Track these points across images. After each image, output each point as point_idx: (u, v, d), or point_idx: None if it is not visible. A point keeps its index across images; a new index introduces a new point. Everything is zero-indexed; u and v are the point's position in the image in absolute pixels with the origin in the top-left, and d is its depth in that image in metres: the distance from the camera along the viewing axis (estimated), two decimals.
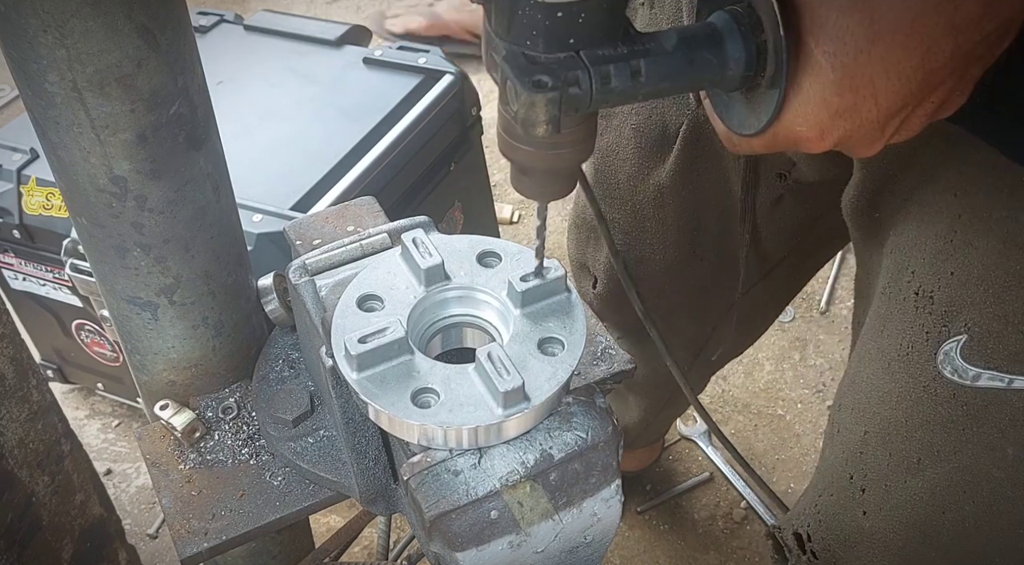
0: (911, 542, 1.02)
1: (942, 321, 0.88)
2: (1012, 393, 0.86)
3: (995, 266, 0.83)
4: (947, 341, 0.88)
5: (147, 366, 0.88)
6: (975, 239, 0.84)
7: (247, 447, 0.88)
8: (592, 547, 0.73)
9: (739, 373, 2.13)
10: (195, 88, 0.73)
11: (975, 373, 0.87)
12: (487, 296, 0.73)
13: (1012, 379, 0.85)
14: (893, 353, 0.95)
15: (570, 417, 0.69)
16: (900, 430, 0.96)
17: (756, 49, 0.59)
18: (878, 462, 1.01)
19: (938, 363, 0.89)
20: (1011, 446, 0.89)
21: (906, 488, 0.99)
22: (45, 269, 1.73)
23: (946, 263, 0.87)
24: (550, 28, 0.54)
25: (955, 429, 0.91)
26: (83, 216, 0.76)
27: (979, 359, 0.86)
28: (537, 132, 0.56)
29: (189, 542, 0.81)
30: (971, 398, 0.88)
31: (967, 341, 0.86)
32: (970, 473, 0.93)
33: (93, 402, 2.13)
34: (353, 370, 0.67)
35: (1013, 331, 0.84)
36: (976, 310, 0.85)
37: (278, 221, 1.48)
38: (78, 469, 1.33)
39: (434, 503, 0.66)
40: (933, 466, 0.95)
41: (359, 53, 1.89)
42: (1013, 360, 0.84)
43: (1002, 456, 0.90)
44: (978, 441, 0.90)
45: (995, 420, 0.88)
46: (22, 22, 0.63)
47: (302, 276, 0.77)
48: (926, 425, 0.93)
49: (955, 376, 0.88)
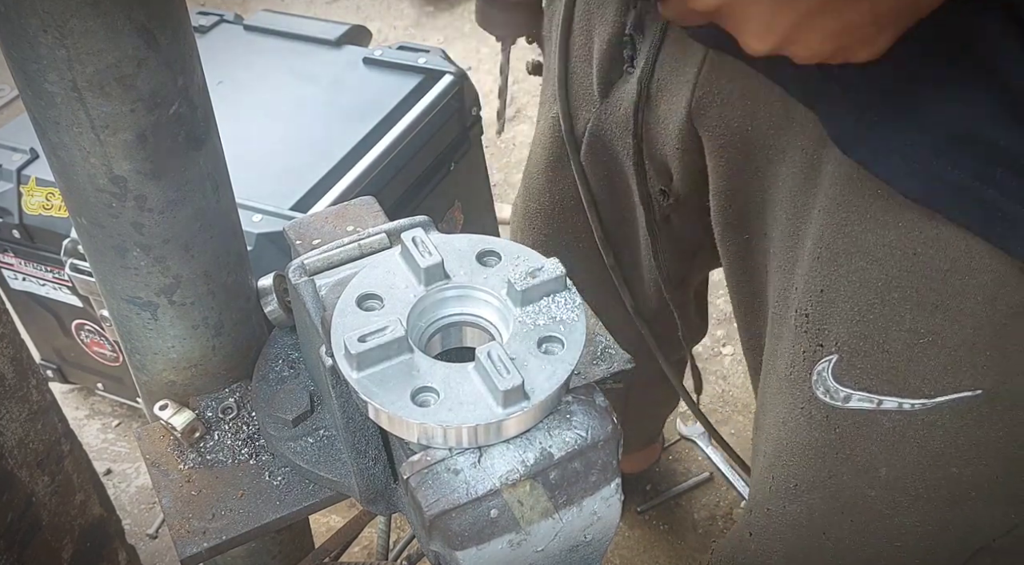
0: (794, 562, 1.02)
1: (816, 340, 0.87)
2: (881, 414, 0.85)
3: (859, 283, 0.82)
4: (820, 361, 0.87)
5: (147, 366, 0.88)
6: (838, 256, 0.83)
7: (247, 447, 0.88)
8: (592, 546, 0.73)
9: (739, 373, 2.13)
10: (195, 88, 0.73)
11: (846, 394, 0.86)
12: (487, 295, 0.73)
13: (881, 400, 0.84)
14: (782, 374, 0.94)
15: (570, 416, 0.70)
16: (782, 455, 0.97)
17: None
18: (763, 486, 1.02)
19: (812, 384, 0.88)
20: (883, 466, 0.89)
21: (785, 513, 0.99)
22: (45, 269, 1.73)
23: (816, 281, 0.86)
24: None
25: (829, 454, 0.91)
26: (83, 216, 0.76)
27: (849, 380, 0.86)
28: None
29: (189, 542, 0.81)
30: (843, 420, 0.88)
31: (837, 361, 0.86)
32: (846, 495, 0.93)
33: (93, 402, 2.13)
34: (353, 369, 0.68)
35: (878, 350, 0.83)
36: (844, 328, 0.84)
37: (278, 221, 1.48)
38: (78, 469, 1.33)
39: (434, 502, 0.66)
40: (810, 492, 0.95)
41: (359, 53, 1.90)
42: (880, 380, 0.84)
43: (875, 477, 0.90)
44: (852, 464, 0.90)
45: (867, 442, 0.88)
46: (22, 22, 0.63)
47: (302, 276, 0.77)
48: (803, 450, 0.93)
49: (827, 397, 0.88)
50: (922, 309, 0.80)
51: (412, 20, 3.28)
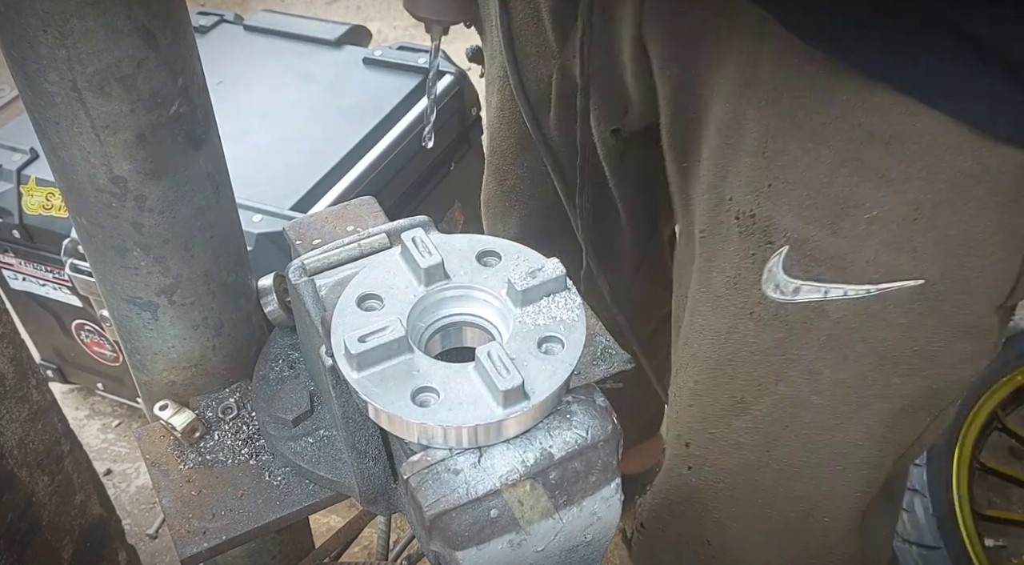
0: (736, 491, 1.02)
1: (765, 238, 0.88)
2: (828, 304, 0.86)
3: (807, 167, 0.83)
4: (772, 257, 0.88)
5: (147, 366, 0.88)
6: (786, 145, 0.83)
7: (247, 447, 0.88)
8: (592, 546, 0.73)
9: None
10: (195, 88, 0.73)
11: (795, 286, 0.87)
12: (487, 295, 0.73)
13: (828, 289, 0.85)
14: (721, 288, 0.94)
15: (570, 416, 0.70)
16: (727, 369, 0.97)
17: None
18: (704, 410, 1.01)
19: (763, 283, 0.89)
20: (828, 367, 0.89)
21: (731, 431, 0.99)
22: (45, 269, 1.73)
23: (762, 176, 0.86)
24: None
25: (777, 354, 0.91)
26: (83, 216, 0.76)
27: (799, 270, 0.86)
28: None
29: (189, 542, 0.81)
30: (792, 315, 0.88)
31: (788, 252, 0.86)
32: (790, 403, 0.93)
33: (93, 402, 2.13)
34: (353, 369, 0.68)
35: (828, 233, 0.83)
36: (794, 216, 0.85)
37: (278, 221, 1.48)
38: (78, 469, 1.33)
39: (434, 502, 0.66)
40: (757, 401, 0.95)
41: (359, 53, 1.90)
42: (828, 266, 0.84)
43: (819, 380, 0.90)
44: (798, 366, 0.91)
45: (814, 337, 0.88)
46: (22, 22, 0.64)
47: (302, 276, 0.77)
48: (751, 358, 0.94)
49: (777, 293, 0.88)
50: (868, 181, 0.80)
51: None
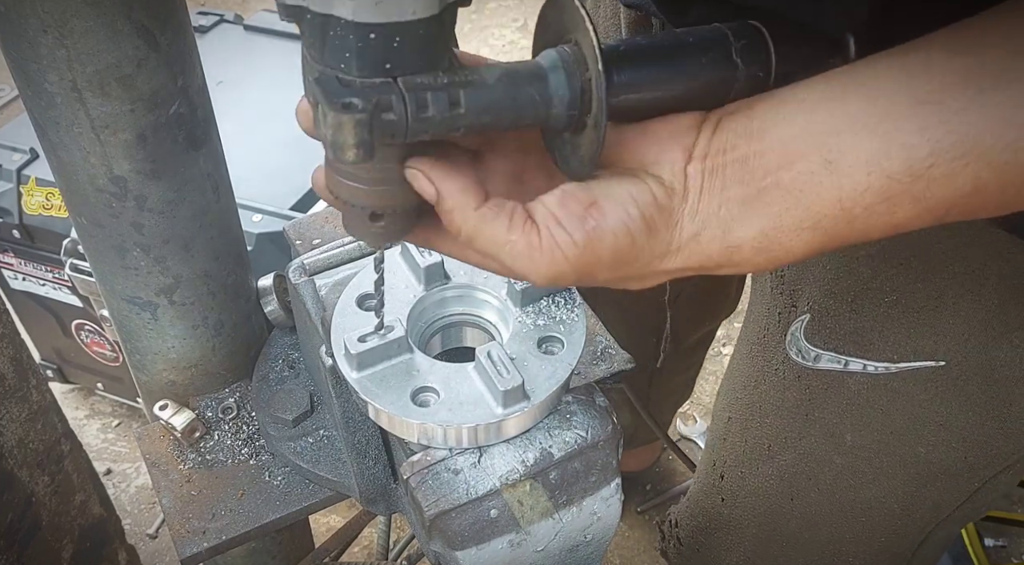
0: (763, 530, 1.05)
1: (791, 301, 0.89)
2: (848, 376, 0.87)
3: None
4: (794, 321, 0.89)
5: (147, 366, 0.88)
6: None
7: (247, 447, 0.88)
8: (592, 546, 0.73)
9: None
10: (195, 88, 0.73)
11: (816, 354, 0.88)
12: (487, 295, 0.73)
13: (847, 361, 0.86)
14: (754, 336, 0.97)
15: (570, 416, 0.70)
16: (756, 415, 0.99)
17: (581, 87, 0.56)
18: (736, 448, 1.04)
19: (786, 345, 0.91)
20: (849, 432, 0.91)
21: (759, 475, 1.01)
22: (45, 269, 1.73)
23: None
24: (363, 51, 0.51)
25: (800, 414, 0.93)
26: (83, 216, 0.76)
27: (819, 340, 0.87)
28: (347, 156, 0.53)
29: (189, 542, 0.81)
30: (813, 381, 0.90)
31: (810, 321, 0.88)
32: (813, 459, 0.95)
33: (93, 402, 2.13)
34: (353, 369, 0.68)
35: (847, 309, 0.84)
36: (816, 288, 0.86)
37: (278, 221, 1.48)
38: (78, 469, 1.33)
39: (434, 502, 0.66)
40: (782, 452, 0.97)
41: None
42: (847, 341, 0.85)
43: (841, 442, 0.92)
44: (820, 427, 0.92)
45: (835, 403, 0.90)
46: (22, 22, 0.63)
47: (302, 276, 0.77)
48: (777, 411, 0.95)
49: (799, 357, 0.90)
50: (890, 266, 0.81)
51: None
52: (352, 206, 0.60)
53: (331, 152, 0.54)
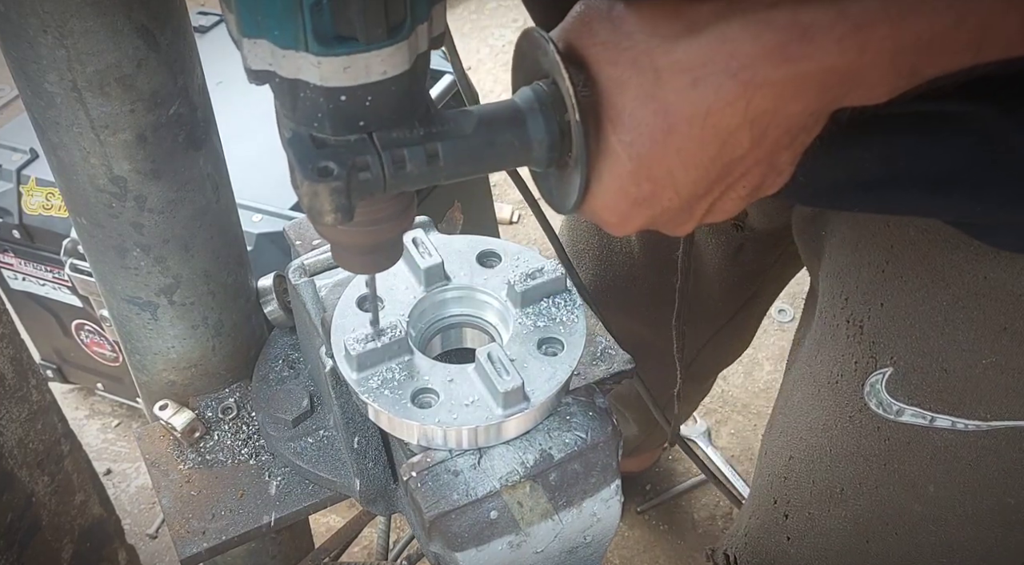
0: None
1: (870, 352, 0.87)
2: (934, 432, 0.85)
3: (922, 301, 0.82)
4: (873, 373, 0.87)
5: (147, 366, 0.88)
6: (905, 272, 0.82)
7: (247, 447, 0.88)
8: (592, 547, 0.73)
9: (739, 373, 2.13)
10: (195, 88, 0.73)
11: (899, 408, 0.86)
12: (487, 296, 0.73)
13: (934, 417, 0.84)
14: (823, 379, 0.94)
15: (570, 417, 0.69)
16: (825, 459, 0.96)
17: (560, 129, 0.56)
18: (802, 489, 1.01)
19: (864, 395, 0.88)
20: (932, 484, 0.88)
21: (830, 517, 0.98)
22: (45, 269, 1.73)
23: (877, 294, 0.85)
24: (335, 111, 0.50)
25: (878, 463, 0.90)
26: (83, 216, 0.76)
27: (903, 394, 0.85)
28: (325, 221, 0.51)
29: (189, 542, 0.81)
30: (894, 433, 0.88)
31: (892, 374, 0.85)
32: (892, 506, 0.93)
33: (93, 402, 2.13)
34: (353, 370, 0.67)
35: (937, 368, 0.82)
36: (902, 344, 0.84)
37: (278, 221, 1.48)
38: (78, 469, 1.33)
39: (434, 503, 0.66)
40: (856, 498, 0.95)
41: None
42: (936, 398, 0.83)
43: (923, 492, 0.90)
44: (900, 477, 0.90)
45: (917, 457, 0.87)
46: (22, 22, 0.63)
47: (302, 276, 0.77)
48: (850, 457, 0.93)
49: (880, 409, 0.87)
50: (988, 331, 0.79)
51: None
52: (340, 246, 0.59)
53: (309, 217, 0.52)
